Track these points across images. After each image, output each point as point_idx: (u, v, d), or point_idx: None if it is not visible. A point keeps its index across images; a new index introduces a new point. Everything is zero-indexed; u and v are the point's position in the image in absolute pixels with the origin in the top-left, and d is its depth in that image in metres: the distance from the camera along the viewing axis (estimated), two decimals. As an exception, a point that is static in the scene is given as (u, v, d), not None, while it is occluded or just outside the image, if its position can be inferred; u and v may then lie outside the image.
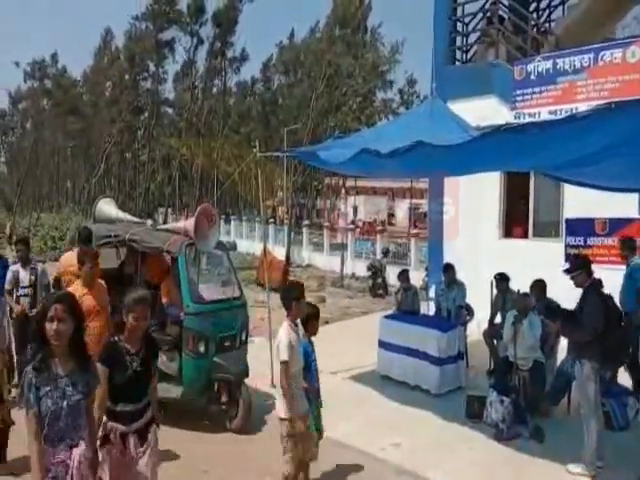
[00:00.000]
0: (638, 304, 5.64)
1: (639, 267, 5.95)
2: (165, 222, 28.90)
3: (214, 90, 40.39)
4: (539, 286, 5.94)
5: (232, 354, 5.37)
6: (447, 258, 8.05)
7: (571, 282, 4.68)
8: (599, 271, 6.33)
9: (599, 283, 4.53)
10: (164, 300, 5.77)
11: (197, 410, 5.49)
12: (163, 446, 4.80)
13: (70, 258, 5.38)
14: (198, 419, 5.40)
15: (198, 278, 6.45)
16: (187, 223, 5.52)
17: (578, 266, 4.57)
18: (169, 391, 5.19)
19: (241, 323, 5.59)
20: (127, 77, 41.10)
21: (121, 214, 6.42)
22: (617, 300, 4.99)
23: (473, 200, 8.76)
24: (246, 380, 5.35)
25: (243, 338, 5.64)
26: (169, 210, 36.92)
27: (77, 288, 4.28)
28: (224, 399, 5.23)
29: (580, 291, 4.56)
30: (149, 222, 6.28)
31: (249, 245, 23.48)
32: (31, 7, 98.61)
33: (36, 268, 6.15)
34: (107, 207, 6.43)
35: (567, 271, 4.59)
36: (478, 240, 8.82)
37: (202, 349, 5.11)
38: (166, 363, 5.28)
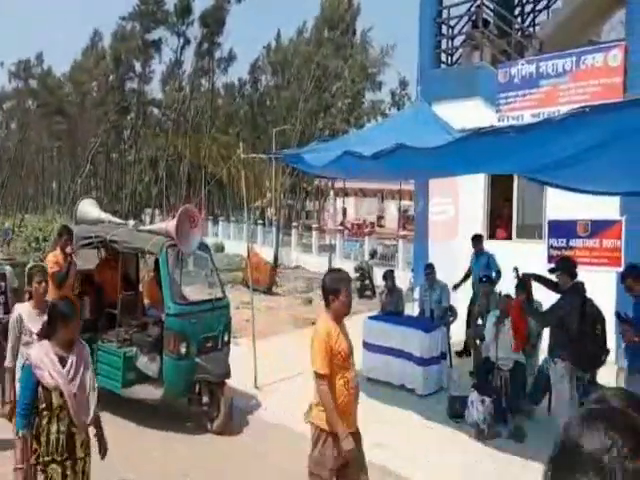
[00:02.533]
0: None
1: None
2: (152, 223, 28.72)
3: (202, 90, 40.24)
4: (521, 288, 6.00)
5: (214, 355, 5.35)
6: (432, 255, 8.11)
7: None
8: (580, 273, 6.48)
9: (581, 286, 4.59)
10: (145, 301, 5.74)
11: (178, 411, 5.48)
12: (144, 447, 4.81)
13: (53, 257, 5.43)
14: (179, 420, 5.39)
15: (181, 279, 6.43)
16: (169, 224, 5.50)
17: (560, 267, 4.65)
18: (150, 392, 5.18)
19: (223, 324, 5.58)
20: (112, 77, 40.77)
21: (103, 215, 6.38)
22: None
23: (461, 202, 8.84)
24: (229, 381, 5.33)
25: (225, 339, 5.62)
26: (156, 211, 36.66)
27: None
28: (205, 400, 5.21)
29: None
30: (131, 223, 6.23)
31: (237, 246, 23.37)
32: (17, 6, 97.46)
33: (4, 272, 5.91)
34: (89, 208, 6.38)
35: (551, 270, 4.68)
36: (466, 240, 8.89)
37: (183, 350, 5.09)
38: (147, 364, 5.30)
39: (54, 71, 47.56)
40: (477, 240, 7.57)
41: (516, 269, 5.25)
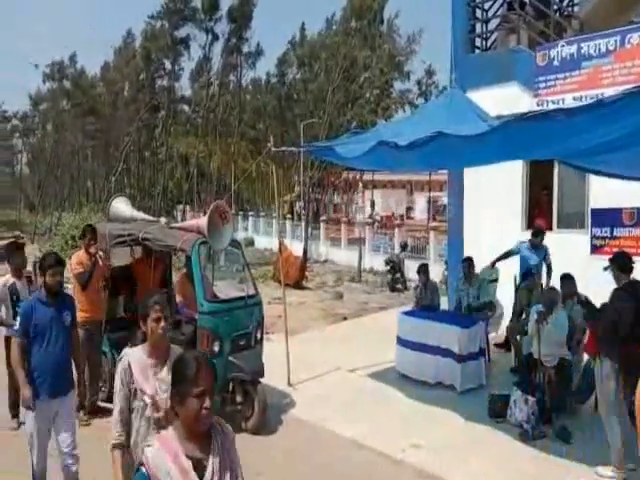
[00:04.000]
0: None
1: None
2: (184, 219, 29.08)
3: (230, 86, 40.42)
4: (567, 281, 5.71)
5: (247, 353, 5.26)
6: (467, 250, 7.84)
7: (600, 275, 4.48)
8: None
9: (637, 285, 4.27)
10: (178, 299, 5.69)
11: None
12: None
13: (77, 257, 5.42)
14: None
15: (213, 276, 6.38)
16: (200, 221, 5.42)
17: (613, 263, 4.35)
18: None
19: (256, 321, 5.47)
20: (143, 76, 41.37)
21: (135, 212, 6.36)
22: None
23: (496, 192, 8.52)
24: (262, 379, 5.25)
25: (258, 337, 5.52)
26: (187, 207, 37.13)
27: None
28: (239, 399, 5.12)
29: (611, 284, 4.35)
30: (163, 220, 6.20)
31: (267, 241, 23.45)
32: (52, 6, 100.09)
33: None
34: (121, 206, 6.36)
35: (605, 268, 4.41)
36: (501, 233, 8.57)
37: (216, 348, 5.00)
38: None
39: (87, 72, 48.67)
40: (542, 235, 7.10)
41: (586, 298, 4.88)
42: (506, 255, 7.14)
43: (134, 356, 2.59)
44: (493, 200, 8.61)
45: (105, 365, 5.55)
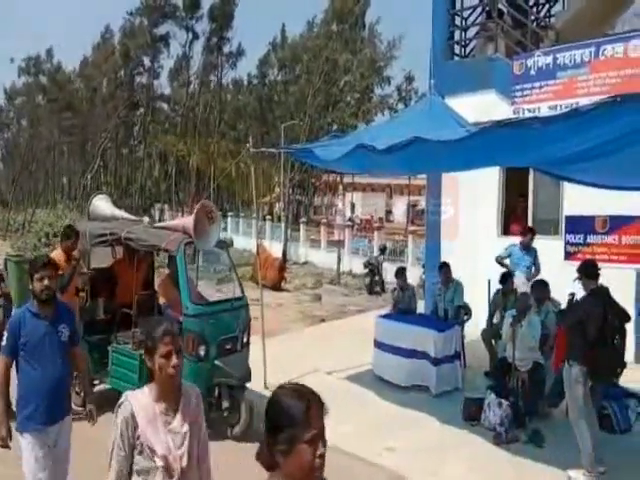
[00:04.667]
0: None
1: None
2: (161, 218, 28.73)
3: (211, 86, 40.13)
4: (540, 286, 5.82)
5: (234, 357, 5.09)
6: (445, 257, 7.92)
7: (571, 281, 4.58)
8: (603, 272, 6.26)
9: (604, 291, 4.37)
10: (161, 301, 5.53)
11: None
12: None
13: (57, 257, 5.22)
14: None
15: (197, 277, 6.27)
16: (186, 220, 5.28)
17: (579, 271, 4.46)
18: None
19: (243, 324, 5.30)
20: (122, 73, 40.79)
21: (117, 211, 6.19)
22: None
23: (471, 198, 8.64)
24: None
25: (244, 340, 5.34)
26: (165, 206, 36.71)
27: None
28: (226, 405, 4.94)
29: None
30: (146, 219, 6.06)
31: (246, 242, 23.32)
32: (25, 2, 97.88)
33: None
34: (102, 204, 6.17)
35: (575, 280, 4.50)
36: (476, 238, 8.69)
37: (202, 352, 4.85)
38: None
39: (64, 67, 47.73)
40: (532, 234, 7.12)
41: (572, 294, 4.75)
42: (502, 263, 7.06)
43: (139, 401, 2.02)
44: (470, 206, 8.73)
45: None
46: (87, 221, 6.22)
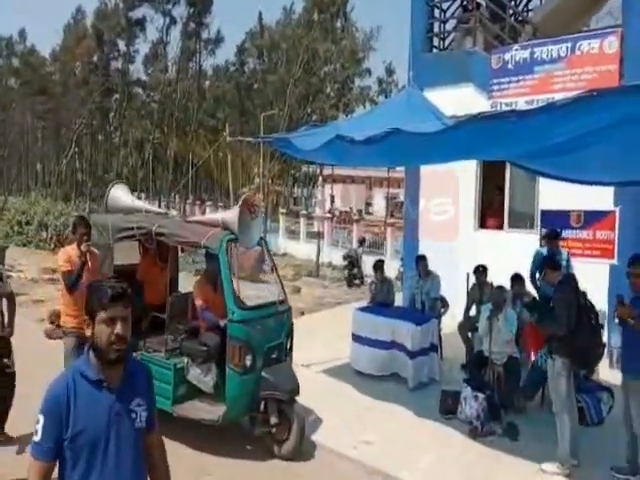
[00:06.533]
0: None
1: None
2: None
3: (189, 72, 39.43)
4: (517, 281, 5.88)
5: (280, 367, 4.68)
6: (423, 250, 7.94)
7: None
8: (573, 264, 6.35)
9: (571, 279, 4.45)
10: (198, 303, 4.87)
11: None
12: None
13: (65, 253, 4.62)
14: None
15: (237, 278, 5.81)
16: (227, 215, 4.78)
17: (542, 266, 4.57)
18: (207, 411, 4.44)
19: (287, 331, 4.92)
20: (96, 57, 39.72)
21: (138, 202, 5.68)
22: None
23: (451, 191, 8.68)
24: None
25: (289, 348, 4.97)
26: (142, 195, 36.11)
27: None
28: (274, 420, 4.45)
29: None
30: (173, 212, 5.68)
31: (224, 232, 23.11)
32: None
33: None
34: (122, 194, 5.51)
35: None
36: (455, 231, 8.75)
37: (249, 362, 4.38)
38: (200, 377, 4.57)
39: (38, 49, 46.30)
40: (557, 234, 6.49)
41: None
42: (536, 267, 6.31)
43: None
44: (447, 199, 8.77)
45: None
46: (104, 213, 5.52)
